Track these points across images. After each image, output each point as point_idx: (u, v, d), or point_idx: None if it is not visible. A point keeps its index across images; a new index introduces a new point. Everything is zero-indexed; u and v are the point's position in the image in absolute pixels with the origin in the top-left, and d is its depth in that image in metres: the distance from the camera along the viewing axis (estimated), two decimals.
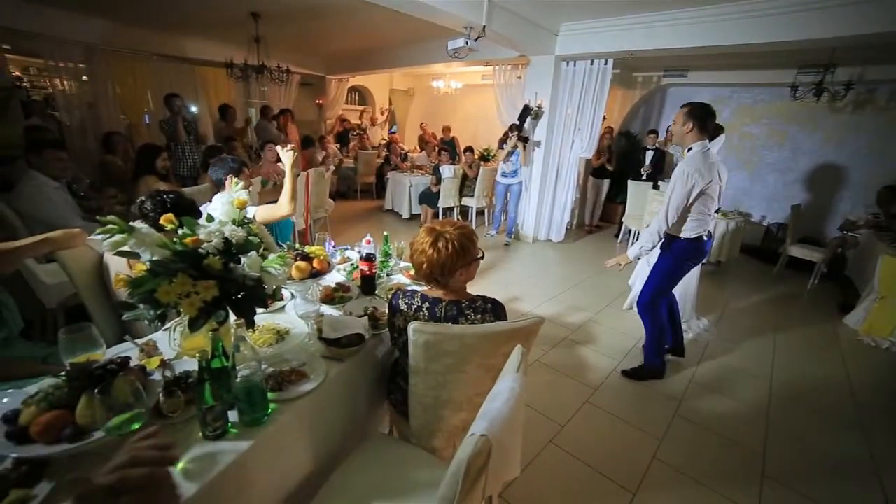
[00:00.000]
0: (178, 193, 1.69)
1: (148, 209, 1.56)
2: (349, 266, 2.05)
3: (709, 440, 2.25)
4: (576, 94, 5.24)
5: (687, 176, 2.23)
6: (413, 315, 1.30)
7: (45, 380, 1.09)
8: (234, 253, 1.24)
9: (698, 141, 2.29)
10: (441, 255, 1.28)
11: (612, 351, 3.06)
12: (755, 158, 6.40)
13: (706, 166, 2.22)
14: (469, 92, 9.07)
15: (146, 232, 1.08)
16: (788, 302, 4.33)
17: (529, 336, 1.21)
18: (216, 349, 1.12)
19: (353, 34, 6.36)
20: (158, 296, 1.08)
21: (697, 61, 5.77)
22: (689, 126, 2.30)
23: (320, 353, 1.41)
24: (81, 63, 5.48)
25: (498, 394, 0.88)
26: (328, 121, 9.13)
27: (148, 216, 1.54)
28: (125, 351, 1.34)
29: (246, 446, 1.06)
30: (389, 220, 6.44)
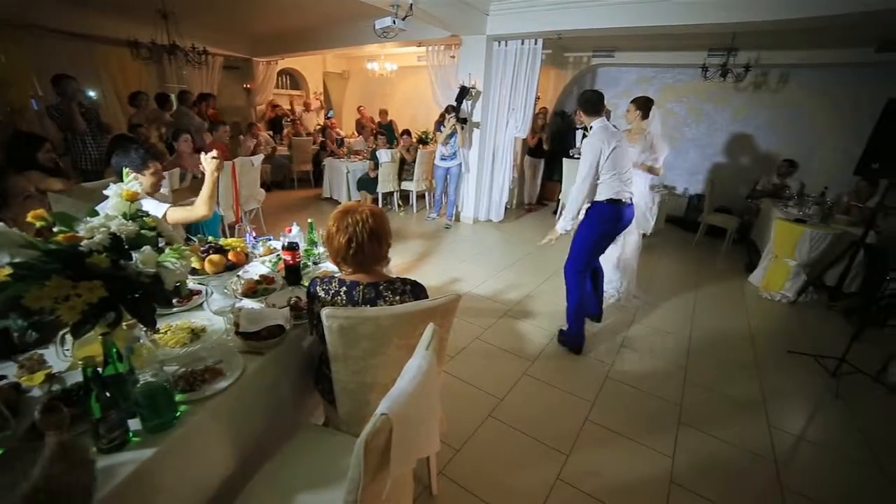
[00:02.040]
0: None
1: None
2: (274, 257, 1.95)
3: (635, 398, 2.44)
4: (508, 75, 5.30)
5: (591, 145, 2.55)
6: (331, 300, 1.27)
7: None
8: (124, 249, 1.13)
9: (595, 119, 2.64)
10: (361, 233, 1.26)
11: (548, 323, 3.20)
12: (677, 135, 6.86)
13: (608, 135, 2.55)
14: (405, 74, 8.88)
15: (1, 230, 0.95)
16: (705, 266, 4.75)
17: (447, 314, 1.23)
18: (109, 355, 1.03)
19: (277, 13, 5.97)
20: (27, 302, 0.96)
21: (623, 42, 6.02)
22: (581, 116, 2.72)
23: (239, 348, 1.34)
24: None
25: (405, 372, 0.88)
26: (258, 106, 8.58)
27: None
28: (2, 369, 1.19)
29: (150, 454, 0.99)
30: (328, 208, 6.22)
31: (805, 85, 5.75)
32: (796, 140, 5.88)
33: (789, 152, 5.55)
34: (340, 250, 1.30)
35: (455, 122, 5.16)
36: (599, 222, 2.66)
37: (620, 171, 2.57)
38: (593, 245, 2.73)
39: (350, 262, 1.32)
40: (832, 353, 2.77)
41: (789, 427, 2.27)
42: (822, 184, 4.96)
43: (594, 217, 2.68)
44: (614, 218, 2.64)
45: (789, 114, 5.91)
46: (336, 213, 1.32)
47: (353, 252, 1.29)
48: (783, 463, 2.02)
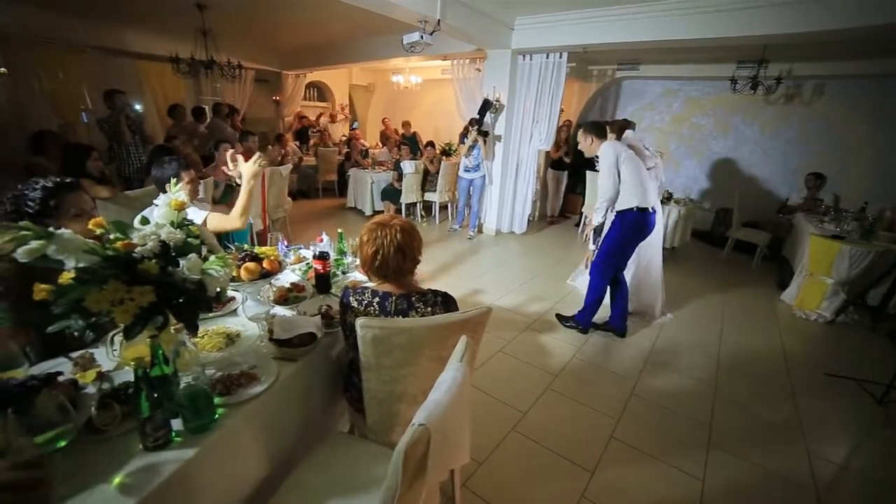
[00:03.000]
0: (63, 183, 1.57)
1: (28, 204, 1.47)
2: (304, 265, 2.01)
3: (662, 416, 2.38)
4: (533, 88, 5.33)
5: (607, 156, 2.81)
6: (364, 311, 1.30)
7: None
8: (172, 256, 1.19)
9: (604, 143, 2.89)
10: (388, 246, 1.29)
11: (571, 338, 3.16)
12: (704, 148, 6.75)
13: (618, 146, 2.83)
14: (429, 87, 9.03)
15: (68, 237, 1.02)
16: (734, 282, 4.61)
17: (478, 326, 1.24)
18: (156, 357, 1.08)
19: (307, 28, 6.19)
20: (87, 304, 1.02)
21: (648, 55, 5.99)
22: (590, 139, 2.94)
23: (272, 354, 1.38)
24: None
25: (440, 384, 0.89)
26: (286, 118, 8.86)
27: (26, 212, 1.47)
28: (57, 366, 1.26)
29: (191, 454, 1.03)
30: (352, 217, 6.35)
31: (840, 96, 5.58)
32: (830, 153, 5.69)
33: (822, 166, 5.37)
34: (367, 260, 1.36)
35: (477, 134, 5.22)
36: (625, 229, 2.87)
37: (641, 180, 2.79)
38: (620, 250, 2.95)
39: (376, 272, 1.37)
40: (876, 377, 2.63)
41: (831, 456, 2.16)
42: (859, 198, 4.78)
43: (621, 224, 2.87)
44: (640, 225, 2.85)
45: (822, 126, 5.73)
46: (369, 225, 1.36)
47: (378, 264, 1.33)
48: (825, 494, 1.92)
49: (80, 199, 1.56)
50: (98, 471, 0.95)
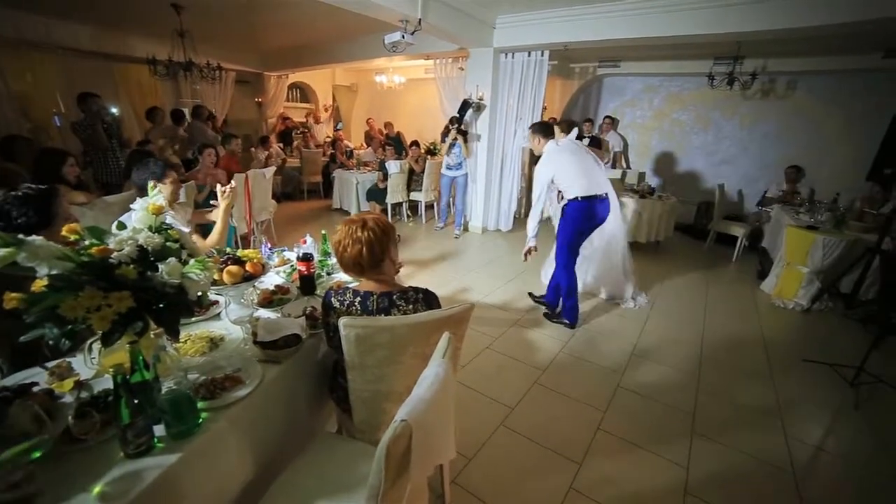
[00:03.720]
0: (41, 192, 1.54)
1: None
2: (288, 268, 2.00)
3: (647, 406, 2.43)
4: (515, 86, 5.37)
5: (546, 164, 3.04)
6: (346, 311, 1.30)
7: None
8: (150, 260, 1.18)
9: (549, 143, 3.10)
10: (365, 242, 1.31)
11: (558, 333, 3.20)
12: (685, 143, 6.88)
13: (557, 151, 3.05)
14: (413, 86, 9.02)
15: (39, 244, 1.00)
16: (716, 273, 4.72)
17: (460, 323, 1.25)
18: (136, 363, 1.06)
19: (288, 29, 6.12)
20: (62, 312, 1.00)
21: (629, 52, 6.09)
22: (538, 139, 3.15)
23: (257, 357, 1.37)
24: None
25: (423, 380, 0.90)
26: (269, 120, 8.76)
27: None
28: (31, 376, 1.24)
29: (174, 459, 1.02)
30: (338, 219, 6.26)
31: (813, 92, 5.75)
32: (805, 146, 5.87)
33: (798, 159, 5.52)
34: (337, 253, 1.38)
35: (457, 133, 5.29)
36: (574, 218, 3.06)
37: (584, 171, 3.01)
38: (575, 237, 3.14)
39: (351, 269, 1.39)
40: (849, 362, 2.72)
41: (807, 438, 2.24)
42: (832, 190, 4.93)
43: (569, 212, 3.08)
44: (587, 212, 3.03)
45: (798, 121, 5.90)
46: (343, 221, 1.39)
47: (339, 256, 1.37)
48: (802, 475, 1.99)
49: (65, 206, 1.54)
50: (77, 481, 0.93)
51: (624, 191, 5.38)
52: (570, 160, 3.01)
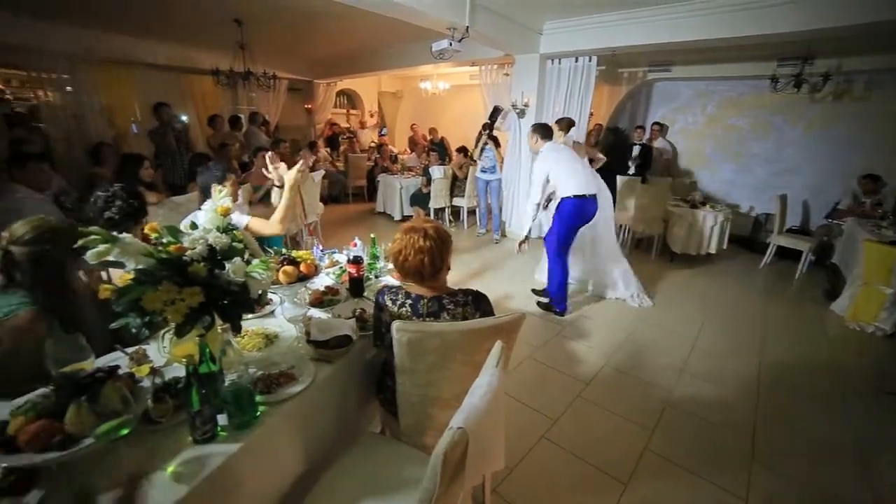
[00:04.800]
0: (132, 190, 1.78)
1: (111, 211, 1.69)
2: (338, 269, 2.06)
3: (699, 428, 2.29)
4: (562, 92, 5.29)
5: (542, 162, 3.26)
6: (397, 311, 1.34)
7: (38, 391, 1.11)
8: (218, 259, 1.25)
9: (546, 144, 3.32)
10: (427, 251, 1.33)
11: (603, 345, 3.10)
12: (742, 150, 6.47)
13: (553, 150, 3.28)
14: (457, 92, 9.09)
15: (129, 241, 1.09)
16: (777, 291, 4.39)
17: (511, 331, 1.24)
18: (203, 354, 1.13)
19: (338, 38, 6.36)
20: (144, 304, 1.09)
21: (681, 56, 5.83)
22: (535, 139, 3.37)
23: (309, 355, 1.43)
24: (65, 74, 5.42)
25: (476, 388, 0.90)
26: (318, 125, 9.12)
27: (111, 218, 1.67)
28: (115, 360, 1.35)
29: (235, 448, 1.08)
30: (381, 222, 6.45)
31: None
32: (885, 153, 5.32)
33: (876, 167, 5.04)
34: (393, 258, 1.41)
35: (486, 138, 5.36)
36: (566, 214, 3.27)
37: (575, 171, 3.23)
38: (565, 234, 3.35)
39: (399, 270, 1.41)
40: None
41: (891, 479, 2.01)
42: None
43: (562, 210, 3.28)
44: (579, 210, 3.25)
45: (878, 125, 5.36)
46: (404, 226, 1.41)
47: (400, 262, 1.38)
48: None
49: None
50: (155, 458, 1.02)
51: (673, 201, 5.15)
52: (565, 160, 3.25)
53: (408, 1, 3.38)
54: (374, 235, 2.13)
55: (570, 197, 3.21)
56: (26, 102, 5.88)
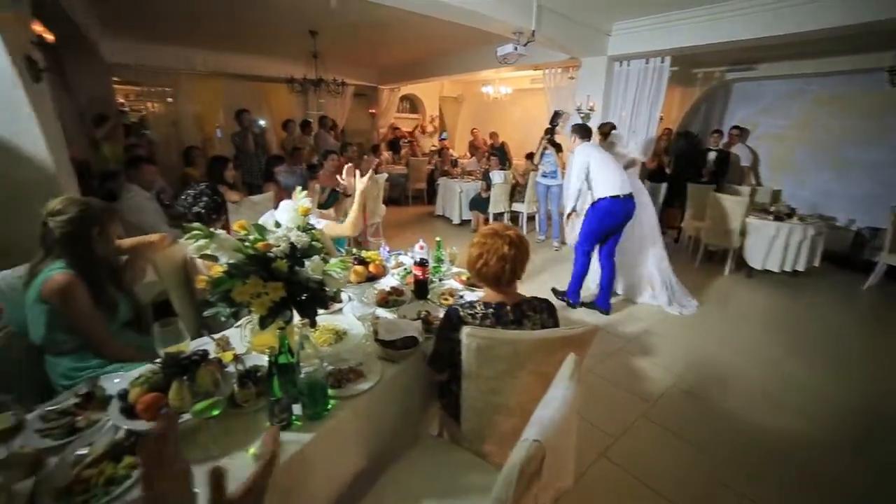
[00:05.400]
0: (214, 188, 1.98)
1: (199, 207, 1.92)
2: (402, 270, 2.11)
3: (787, 468, 2.06)
4: (630, 95, 5.04)
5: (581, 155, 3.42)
6: (479, 323, 1.32)
7: (146, 365, 1.24)
8: (298, 257, 1.33)
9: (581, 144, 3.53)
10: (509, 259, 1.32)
11: (671, 364, 2.90)
12: (841, 156, 5.77)
13: (589, 149, 3.45)
14: (518, 96, 9.00)
15: (224, 238, 1.19)
16: (885, 316, 3.86)
17: (583, 344, 1.20)
18: (283, 346, 1.20)
19: (404, 45, 6.55)
20: (233, 295, 1.19)
21: (767, 52, 5.31)
22: (575, 138, 3.62)
23: (376, 353, 1.47)
24: (168, 87, 6.16)
25: (551, 400, 0.87)
26: (380, 129, 9.44)
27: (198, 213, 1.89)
28: (204, 344, 1.47)
29: (308, 438, 1.13)
30: (440, 225, 6.53)
31: None
32: None
33: None
34: (472, 261, 1.40)
35: (547, 143, 5.25)
36: (600, 215, 3.39)
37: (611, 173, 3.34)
38: (597, 232, 3.47)
39: (476, 274, 1.40)
40: None
41: None
42: None
43: (594, 210, 3.41)
44: (611, 210, 3.35)
45: None
46: (485, 229, 1.41)
47: (479, 266, 1.37)
48: None
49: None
50: (238, 440, 1.09)
51: (753, 211, 4.71)
52: (602, 159, 3.40)
53: (475, 6, 3.40)
54: (440, 239, 2.15)
55: (606, 197, 3.33)
56: (138, 113, 6.77)
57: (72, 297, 1.46)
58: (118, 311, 1.69)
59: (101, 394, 1.26)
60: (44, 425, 1.14)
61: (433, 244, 2.24)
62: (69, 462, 1.00)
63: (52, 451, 1.04)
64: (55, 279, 1.44)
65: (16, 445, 1.02)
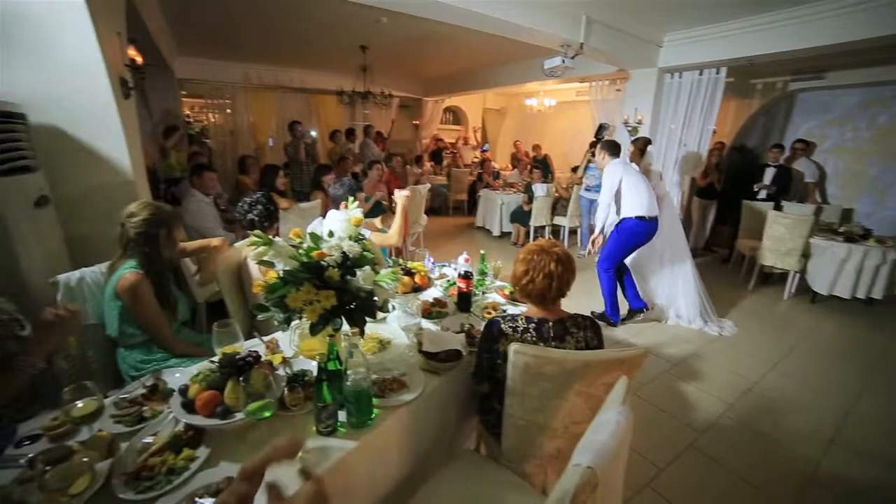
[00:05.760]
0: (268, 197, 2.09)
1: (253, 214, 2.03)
2: (446, 282, 2.12)
3: None
4: (681, 108, 4.86)
5: (612, 174, 3.37)
6: (520, 337, 1.31)
7: (203, 362, 1.32)
8: (349, 266, 1.37)
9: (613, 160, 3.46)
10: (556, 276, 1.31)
11: (722, 391, 2.72)
12: None
13: (621, 167, 3.40)
14: (562, 109, 8.90)
15: (281, 245, 1.25)
16: None
17: (633, 367, 1.15)
18: (332, 353, 1.24)
19: (450, 58, 6.68)
20: (288, 301, 1.23)
21: (840, 59, 4.93)
22: (603, 155, 3.52)
23: (419, 365, 1.47)
24: (227, 99, 6.63)
25: (604, 424, 0.84)
26: (423, 140, 9.61)
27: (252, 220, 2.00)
28: (255, 346, 1.54)
29: (352, 446, 1.15)
30: (480, 236, 6.52)
31: None
32: None
33: None
34: (517, 277, 1.39)
35: (591, 156, 5.14)
36: (627, 235, 3.39)
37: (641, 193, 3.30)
38: (621, 250, 3.48)
39: (521, 291, 1.39)
40: None
41: None
42: None
43: (622, 228, 3.41)
44: (637, 230, 3.36)
45: None
46: (530, 246, 1.40)
47: (525, 282, 1.36)
48: None
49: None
50: None
51: (818, 231, 4.37)
52: (636, 179, 3.36)
53: (524, 20, 3.42)
54: (484, 252, 2.15)
55: (633, 217, 3.33)
56: (199, 123, 7.35)
57: (140, 295, 1.59)
58: (178, 309, 1.81)
59: (164, 387, 1.35)
60: (117, 412, 1.23)
61: (474, 255, 2.24)
62: (137, 449, 1.08)
63: (122, 437, 1.13)
64: (126, 277, 1.58)
65: (95, 428, 1.11)
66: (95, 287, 1.76)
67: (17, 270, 1.70)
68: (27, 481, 0.94)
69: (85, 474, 0.94)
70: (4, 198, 1.64)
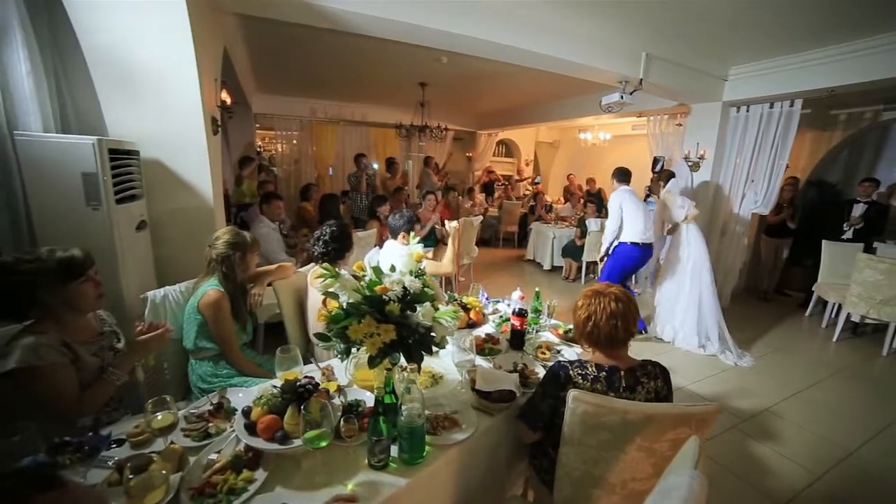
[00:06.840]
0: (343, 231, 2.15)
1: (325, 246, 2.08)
2: (498, 318, 2.10)
3: None
4: (748, 142, 4.61)
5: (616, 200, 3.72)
6: (590, 386, 1.25)
7: (265, 384, 1.39)
8: (409, 301, 1.40)
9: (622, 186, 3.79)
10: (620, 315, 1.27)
11: (804, 458, 2.42)
12: None
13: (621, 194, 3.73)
14: (617, 143, 8.74)
15: (347, 278, 1.31)
16: None
17: (703, 425, 1.06)
18: (388, 387, 1.25)
19: (505, 93, 6.85)
20: (349, 333, 1.28)
21: None
22: (613, 182, 3.87)
23: (471, 403, 1.45)
24: (294, 131, 7.26)
25: (672, 490, 0.78)
26: (476, 172, 9.78)
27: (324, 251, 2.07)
28: (311, 371, 1.60)
29: (403, 483, 1.14)
30: (530, 270, 6.43)
31: None
32: None
33: None
34: (579, 326, 1.35)
35: (649, 191, 5.09)
36: (622, 258, 3.71)
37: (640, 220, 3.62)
38: (618, 271, 3.75)
39: (587, 338, 1.34)
40: None
41: None
42: None
43: (618, 252, 3.73)
44: (632, 255, 3.67)
45: None
46: (585, 291, 1.37)
47: (590, 329, 1.31)
48: None
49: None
50: (339, 473, 1.15)
51: None
52: (634, 206, 3.66)
53: (583, 59, 3.46)
54: (539, 289, 2.12)
55: (628, 242, 3.63)
56: (268, 153, 8.03)
57: (219, 311, 1.74)
58: (246, 328, 1.94)
59: (228, 405, 1.43)
60: (186, 425, 1.32)
61: (524, 288, 2.20)
62: (203, 464, 1.14)
63: (190, 451, 1.20)
64: (210, 294, 1.74)
65: (168, 440, 1.20)
66: (175, 304, 1.94)
67: (118, 286, 1.92)
68: (114, 484, 1.03)
69: (161, 486, 1.01)
70: (117, 222, 1.89)
